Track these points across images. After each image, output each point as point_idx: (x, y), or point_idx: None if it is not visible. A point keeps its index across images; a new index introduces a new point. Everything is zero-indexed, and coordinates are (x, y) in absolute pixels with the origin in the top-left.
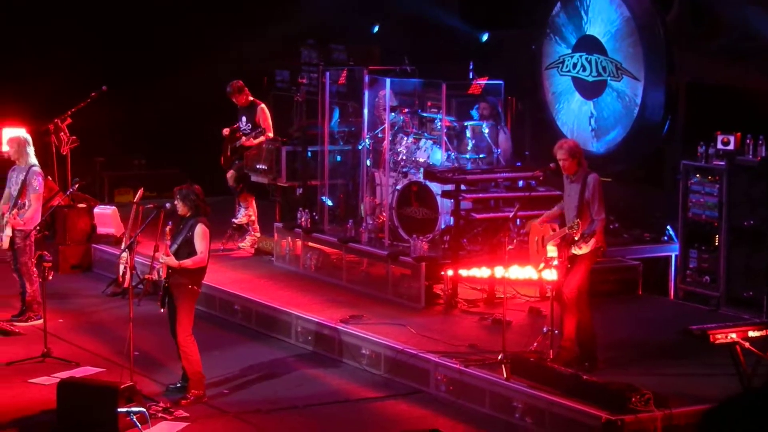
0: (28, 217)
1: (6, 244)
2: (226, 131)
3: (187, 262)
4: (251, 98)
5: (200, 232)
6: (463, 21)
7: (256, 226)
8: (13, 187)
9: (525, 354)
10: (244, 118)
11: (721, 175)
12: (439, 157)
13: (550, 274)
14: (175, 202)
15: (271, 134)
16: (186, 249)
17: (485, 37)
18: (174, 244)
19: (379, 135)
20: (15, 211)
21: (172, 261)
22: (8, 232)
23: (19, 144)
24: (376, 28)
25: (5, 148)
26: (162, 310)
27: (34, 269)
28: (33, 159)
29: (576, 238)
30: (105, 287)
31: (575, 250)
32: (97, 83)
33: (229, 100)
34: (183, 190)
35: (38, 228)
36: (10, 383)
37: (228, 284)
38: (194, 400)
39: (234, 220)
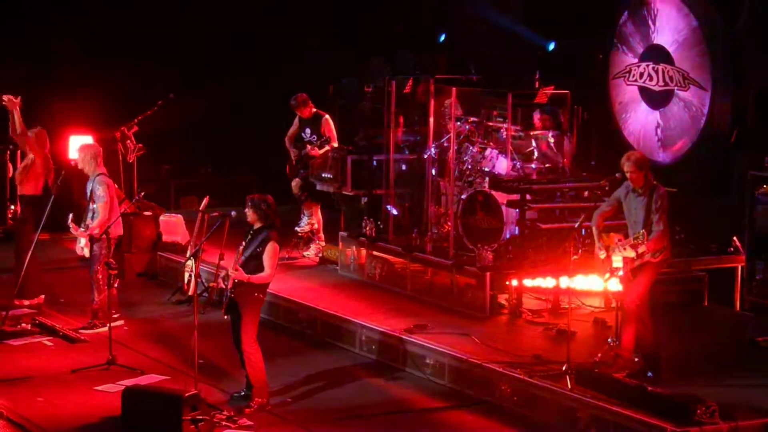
0: (95, 225)
1: (87, 252)
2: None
3: (254, 278)
4: (315, 110)
5: (271, 251)
6: (530, 30)
7: (321, 234)
8: (87, 197)
9: (589, 365)
10: (308, 130)
11: None
12: (504, 166)
13: (615, 285)
14: (246, 210)
15: (335, 144)
16: (253, 263)
17: (552, 47)
18: (242, 257)
19: (445, 144)
20: (72, 222)
21: (242, 275)
22: (82, 243)
23: (85, 153)
24: (443, 37)
25: (73, 155)
26: (226, 318)
27: (103, 279)
28: (100, 168)
29: (640, 250)
30: (170, 295)
31: (630, 252)
32: (164, 91)
33: (292, 111)
34: (255, 198)
35: (107, 234)
36: (75, 390)
37: (292, 293)
38: (258, 409)
39: (297, 228)
